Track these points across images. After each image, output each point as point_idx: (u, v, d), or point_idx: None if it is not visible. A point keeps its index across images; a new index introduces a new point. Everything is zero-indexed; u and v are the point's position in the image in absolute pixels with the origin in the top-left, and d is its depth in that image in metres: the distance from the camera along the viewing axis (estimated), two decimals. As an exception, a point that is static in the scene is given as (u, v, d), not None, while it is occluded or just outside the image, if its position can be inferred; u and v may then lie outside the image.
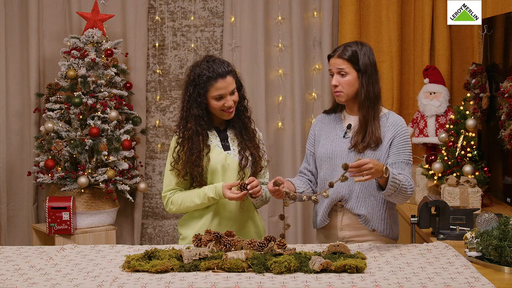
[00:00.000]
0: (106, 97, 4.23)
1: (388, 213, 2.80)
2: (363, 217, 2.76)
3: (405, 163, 2.72)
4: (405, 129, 2.77)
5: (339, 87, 2.75)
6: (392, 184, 2.56)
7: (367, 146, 2.73)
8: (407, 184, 2.63)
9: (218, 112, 2.85)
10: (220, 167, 2.85)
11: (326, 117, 2.92)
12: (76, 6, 4.51)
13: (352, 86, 2.74)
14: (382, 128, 2.76)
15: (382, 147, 2.73)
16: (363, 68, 2.74)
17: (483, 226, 2.54)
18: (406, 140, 2.76)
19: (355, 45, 2.78)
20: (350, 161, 2.71)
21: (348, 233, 2.80)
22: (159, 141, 4.73)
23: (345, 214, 2.80)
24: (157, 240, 4.78)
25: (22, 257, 2.55)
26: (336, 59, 2.76)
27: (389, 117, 2.79)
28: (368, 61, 2.75)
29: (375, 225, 2.77)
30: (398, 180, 2.58)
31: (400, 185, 2.59)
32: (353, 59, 2.73)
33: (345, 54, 2.74)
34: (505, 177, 3.69)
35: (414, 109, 4.44)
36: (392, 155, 2.73)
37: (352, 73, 2.74)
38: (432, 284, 2.15)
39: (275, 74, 4.62)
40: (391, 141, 2.74)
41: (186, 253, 2.37)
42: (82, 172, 4.12)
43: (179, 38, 4.68)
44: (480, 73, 3.86)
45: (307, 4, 4.58)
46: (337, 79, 2.75)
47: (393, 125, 2.76)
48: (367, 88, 2.74)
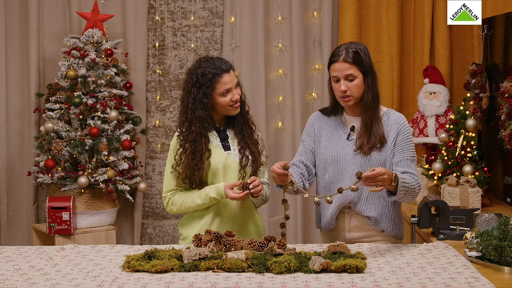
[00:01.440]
0: (106, 97, 4.23)
1: (396, 213, 2.81)
2: (372, 218, 2.76)
3: (410, 160, 2.72)
4: (407, 126, 2.77)
5: (348, 91, 2.69)
6: (402, 188, 2.57)
7: (373, 147, 2.72)
8: (415, 183, 2.64)
9: (225, 109, 2.86)
10: (221, 167, 2.85)
11: (325, 117, 2.87)
12: (76, 6, 4.51)
13: (361, 88, 2.71)
14: (385, 127, 2.75)
15: (387, 146, 2.73)
16: (367, 69, 2.70)
17: (483, 226, 2.54)
18: (409, 137, 2.75)
19: (354, 46, 2.72)
20: (356, 164, 2.72)
21: (356, 234, 2.79)
22: (159, 141, 4.73)
23: (353, 216, 2.79)
24: (157, 240, 4.78)
25: (22, 257, 2.55)
26: (342, 64, 2.67)
27: (390, 115, 2.78)
28: (369, 61, 2.72)
29: (384, 225, 2.77)
30: (406, 183, 2.58)
31: (409, 187, 2.60)
32: (358, 61, 2.68)
33: (349, 57, 2.67)
34: (505, 177, 3.69)
35: (414, 109, 4.44)
36: (397, 153, 2.72)
37: (359, 76, 2.69)
38: (432, 284, 2.15)
39: (275, 74, 4.62)
40: (395, 140, 2.73)
41: (186, 253, 2.37)
42: (82, 172, 4.12)
43: (179, 38, 4.68)
44: (480, 73, 3.86)
45: (307, 4, 4.58)
46: (345, 85, 2.68)
47: (395, 123, 2.75)
48: (372, 88, 2.71)
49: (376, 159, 2.71)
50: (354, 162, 2.73)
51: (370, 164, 2.71)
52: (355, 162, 2.73)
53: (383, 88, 4.43)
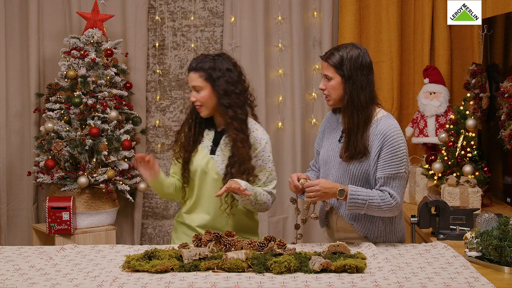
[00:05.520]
0: (106, 97, 4.23)
1: (382, 222, 2.73)
2: (354, 224, 2.75)
3: (391, 177, 2.60)
4: (393, 138, 2.61)
5: (326, 90, 2.71)
6: (352, 204, 2.59)
7: (352, 157, 2.65)
8: (380, 201, 2.59)
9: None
10: (199, 170, 2.88)
11: (332, 116, 2.88)
12: (76, 6, 4.51)
13: (337, 90, 2.67)
14: (371, 136, 2.64)
15: (370, 159, 2.64)
16: (347, 74, 2.64)
17: (483, 226, 2.54)
18: (394, 151, 2.60)
19: (344, 49, 2.67)
20: (338, 170, 2.71)
21: (343, 235, 2.80)
22: (159, 141, 4.73)
23: (339, 218, 2.79)
24: (157, 240, 4.78)
25: (22, 257, 2.55)
26: (323, 62, 2.71)
27: (379, 124, 2.65)
28: (354, 66, 2.64)
29: (366, 231, 2.74)
30: (361, 199, 2.58)
31: (366, 204, 2.58)
32: (337, 65, 2.65)
33: (330, 59, 2.67)
34: (505, 177, 3.69)
35: (414, 109, 4.44)
36: (379, 169, 2.62)
37: (336, 78, 2.66)
38: (432, 284, 2.15)
39: (275, 74, 4.62)
40: (378, 153, 2.62)
41: (186, 253, 2.37)
42: (82, 172, 4.12)
43: (179, 38, 4.68)
44: (480, 73, 3.86)
45: (307, 4, 4.58)
46: (323, 83, 2.71)
47: (380, 134, 2.62)
48: (352, 95, 2.64)
49: (355, 169, 2.66)
50: (339, 168, 2.72)
51: (348, 173, 2.68)
52: (339, 169, 2.72)
53: (383, 88, 4.43)
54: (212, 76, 2.83)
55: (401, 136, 2.65)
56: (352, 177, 2.67)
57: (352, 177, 2.67)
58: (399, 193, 2.63)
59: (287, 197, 4.65)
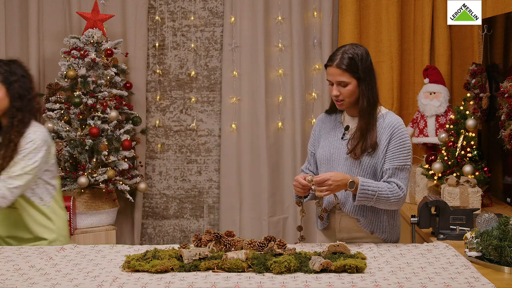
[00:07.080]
0: (106, 97, 4.23)
1: (386, 216, 2.76)
2: (361, 220, 2.75)
3: (399, 169, 2.66)
4: (401, 131, 2.69)
5: (341, 96, 2.69)
6: (363, 195, 2.59)
7: (364, 151, 2.69)
8: (388, 192, 2.62)
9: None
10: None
11: (327, 117, 2.89)
12: (76, 6, 4.51)
13: (354, 94, 2.68)
14: (379, 130, 2.70)
15: (379, 151, 2.68)
16: (362, 76, 2.66)
17: (483, 226, 2.54)
18: (402, 143, 2.67)
19: (351, 50, 2.67)
20: (346, 166, 2.71)
21: (346, 235, 2.79)
22: (159, 141, 4.73)
23: (343, 217, 2.79)
24: (157, 240, 4.78)
25: (22, 257, 2.55)
26: (335, 69, 2.66)
27: (386, 118, 2.72)
28: (366, 66, 2.67)
29: (373, 228, 2.76)
30: (371, 191, 2.59)
31: (376, 195, 2.60)
32: (352, 68, 2.64)
33: (343, 64, 2.64)
34: (505, 177, 3.69)
35: (414, 109, 4.44)
36: (387, 161, 2.67)
37: (352, 82, 2.66)
38: (432, 284, 2.15)
39: (275, 74, 4.62)
40: (387, 145, 2.68)
41: (186, 253, 2.37)
42: (82, 172, 4.12)
43: (179, 38, 4.68)
44: (480, 73, 3.86)
45: (307, 4, 4.58)
46: (338, 90, 2.67)
47: (389, 126, 2.69)
48: (368, 95, 2.67)
49: (367, 163, 2.69)
50: (345, 164, 2.72)
51: (361, 168, 2.69)
52: (346, 164, 2.72)
53: (383, 88, 4.44)
54: (9, 79, 2.87)
55: (407, 130, 2.75)
56: (362, 171, 2.69)
57: (361, 171, 2.69)
58: (406, 185, 2.68)
59: (287, 197, 4.65)
